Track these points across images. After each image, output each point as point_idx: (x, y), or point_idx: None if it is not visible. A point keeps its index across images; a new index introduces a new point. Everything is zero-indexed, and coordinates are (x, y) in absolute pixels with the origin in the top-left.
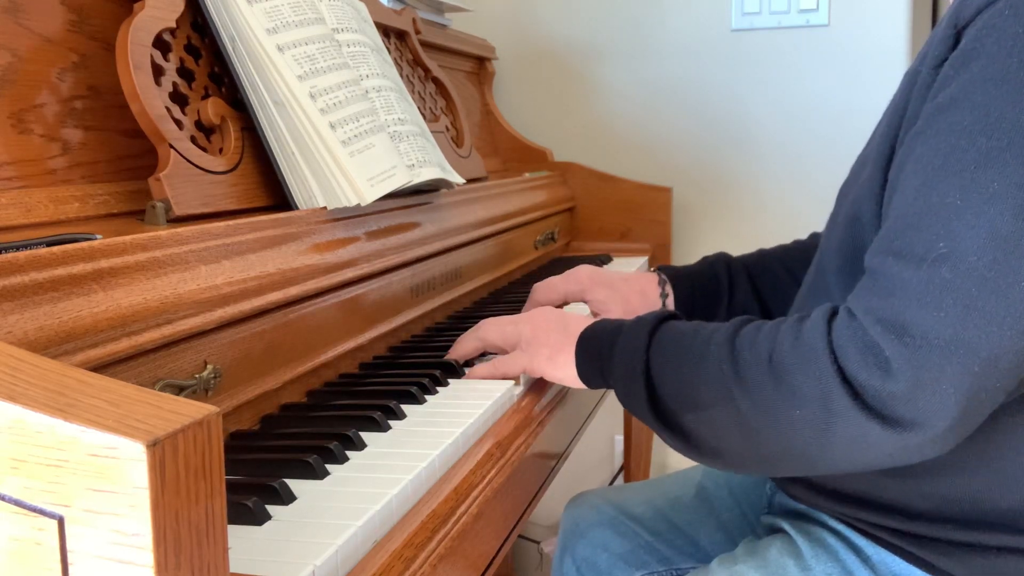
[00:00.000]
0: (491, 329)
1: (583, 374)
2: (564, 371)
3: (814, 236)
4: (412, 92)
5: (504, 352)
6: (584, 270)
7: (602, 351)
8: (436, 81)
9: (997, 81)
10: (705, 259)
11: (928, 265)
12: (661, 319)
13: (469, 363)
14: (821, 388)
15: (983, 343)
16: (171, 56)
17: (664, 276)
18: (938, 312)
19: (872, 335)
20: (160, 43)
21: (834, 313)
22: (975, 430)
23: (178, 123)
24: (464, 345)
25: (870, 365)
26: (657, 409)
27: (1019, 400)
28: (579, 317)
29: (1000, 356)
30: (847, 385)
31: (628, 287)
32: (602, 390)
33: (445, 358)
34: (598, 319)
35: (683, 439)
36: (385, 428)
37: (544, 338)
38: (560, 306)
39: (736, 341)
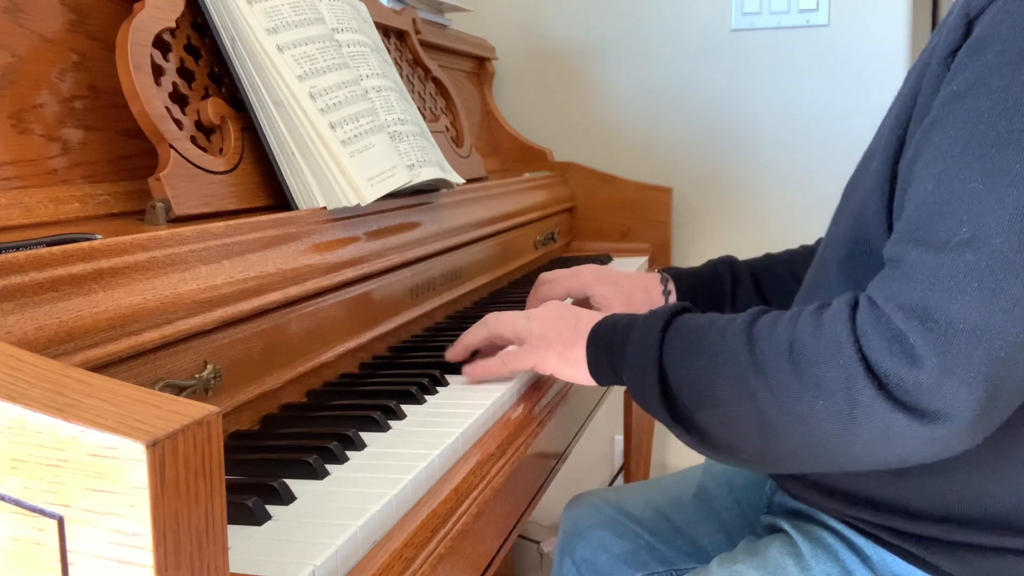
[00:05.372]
0: (502, 322)
1: (594, 370)
2: (575, 368)
3: (820, 243)
4: (412, 92)
5: (510, 344)
6: (588, 267)
7: (614, 346)
8: (436, 81)
9: (1014, 65)
10: (709, 261)
11: (951, 250)
12: (675, 312)
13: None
14: (846, 378)
15: (1010, 328)
16: (171, 56)
17: (667, 275)
18: (963, 297)
19: (896, 322)
20: (160, 43)
21: (856, 302)
22: None
23: (178, 123)
24: (471, 336)
25: (895, 353)
26: (671, 405)
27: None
28: (590, 313)
29: None
30: (872, 375)
31: (631, 284)
32: (602, 390)
33: (449, 357)
34: (610, 313)
35: (698, 435)
36: (385, 428)
37: (555, 335)
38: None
39: (753, 332)
